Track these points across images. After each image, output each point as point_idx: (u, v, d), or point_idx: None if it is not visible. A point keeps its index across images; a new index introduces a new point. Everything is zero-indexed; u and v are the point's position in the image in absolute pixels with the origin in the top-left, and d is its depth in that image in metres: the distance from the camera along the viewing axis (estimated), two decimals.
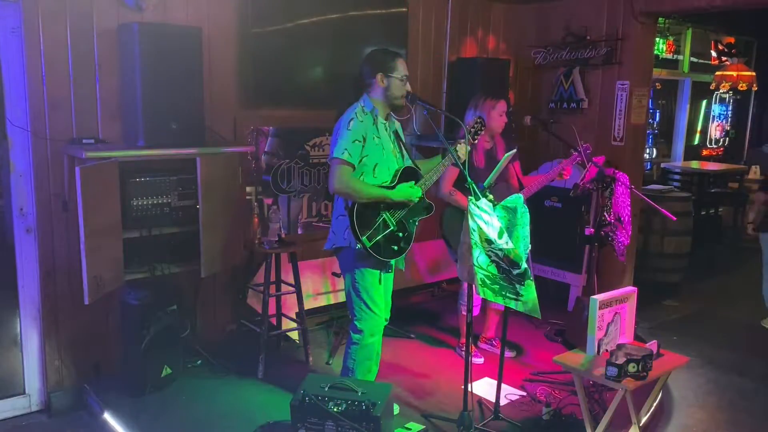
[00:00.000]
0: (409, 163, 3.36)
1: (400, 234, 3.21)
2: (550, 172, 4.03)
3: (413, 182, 3.25)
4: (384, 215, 3.15)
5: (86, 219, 3.20)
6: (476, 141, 3.36)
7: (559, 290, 5.37)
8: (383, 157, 3.20)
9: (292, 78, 4.34)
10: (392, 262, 3.32)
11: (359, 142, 3.11)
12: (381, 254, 3.13)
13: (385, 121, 3.28)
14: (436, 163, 3.35)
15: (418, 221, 3.31)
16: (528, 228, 3.11)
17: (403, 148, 3.38)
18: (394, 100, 3.22)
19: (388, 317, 3.48)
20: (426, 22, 5.15)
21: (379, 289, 3.26)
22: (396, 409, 3.59)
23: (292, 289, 4.15)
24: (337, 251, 3.30)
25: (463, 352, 4.20)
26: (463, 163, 3.14)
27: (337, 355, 4.25)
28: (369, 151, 3.14)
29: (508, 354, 4.24)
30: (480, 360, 4.23)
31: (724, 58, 8.18)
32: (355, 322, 3.30)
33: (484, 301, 4.17)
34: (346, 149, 3.08)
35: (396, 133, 3.37)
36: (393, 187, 3.19)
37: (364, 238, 3.07)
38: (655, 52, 6.61)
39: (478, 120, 3.36)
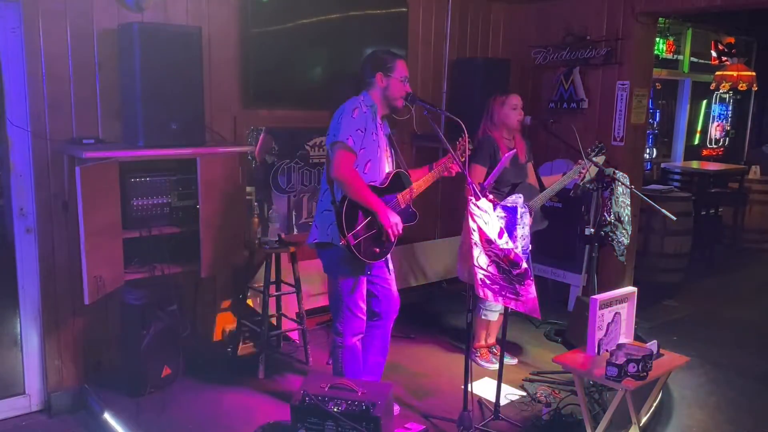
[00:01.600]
0: (400, 168, 3.35)
1: (383, 237, 3.19)
2: (568, 173, 3.98)
3: (401, 190, 3.24)
4: (370, 216, 3.13)
5: (86, 219, 3.20)
6: (463, 159, 3.28)
7: (559, 290, 5.37)
8: (377, 155, 3.18)
9: (292, 78, 4.34)
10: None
11: (361, 132, 3.08)
12: (362, 254, 3.10)
13: (381, 122, 3.27)
14: (424, 174, 3.33)
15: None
16: (528, 228, 3.11)
17: (395, 154, 3.37)
18: (393, 101, 3.21)
19: (396, 311, 3.48)
20: (426, 22, 5.15)
21: (362, 292, 3.25)
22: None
23: (292, 289, 4.15)
24: (319, 247, 3.26)
25: (478, 359, 4.20)
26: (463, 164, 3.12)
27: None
28: (366, 144, 3.12)
29: (511, 361, 4.22)
30: (493, 366, 4.19)
31: (724, 58, 8.17)
32: (336, 324, 3.30)
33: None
34: (350, 135, 3.03)
35: (390, 137, 3.36)
36: (384, 190, 3.18)
37: (349, 236, 3.04)
38: (655, 52, 6.61)
39: (469, 140, 3.27)
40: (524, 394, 3.83)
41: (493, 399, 3.56)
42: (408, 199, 3.26)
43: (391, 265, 3.43)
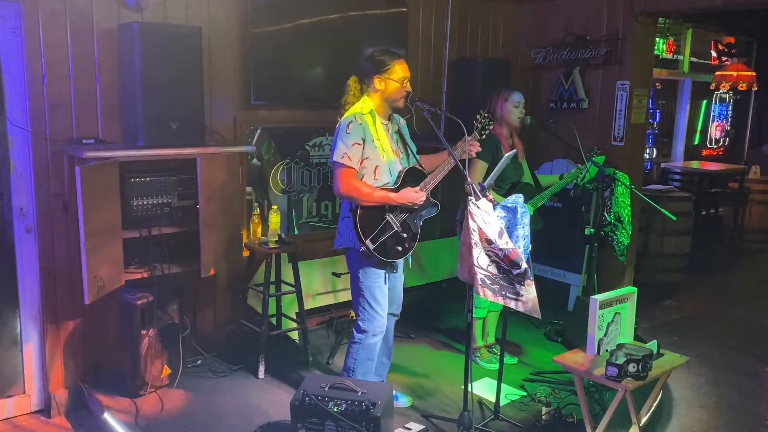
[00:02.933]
0: (413, 162, 3.36)
1: (405, 234, 3.22)
2: (566, 175, 4.02)
3: (417, 185, 3.25)
4: (388, 217, 3.16)
5: (86, 219, 3.20)
6: (483, 136, 3.35)
7: (559, 290, 5.37)
8: (383, 159, 3.20)
9: (292, 78, 4.34)
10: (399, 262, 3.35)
11: (359, 144, 3.11)
12: (385, 255, 3.16)
13: (386, 122, 3.28)
14: (442, 160, 3.34)
15: (422, 221, 3.32)
16: (528, 228, 3.11)
17: (407, 149, 3.38)
18: (393, 102, 3.22)
19: (398, 313, 3.50)
20: (426, 22, 5.15)
21: (383, 290, 3.27)
22: (409, 401, 3.63)
23: (292, 289, 4.15)
24: (344, 251, 3.33)
25: (478, 359, 4.20)
26: (463, 162, 3.13)
27: (337, 355, 4.25)
28: (368, 153, 3.15)
29: (511, 361, 4.22)
30: (493, 366, 4.18)
31: (724, 58, 8.17)
32: (359, 322, 3.32)
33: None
34: (345, 153, 3.09)
35: (399, 132, 3.37)
36: (397, 189, 3.20)
37: (368, 241, 3.09)
38: (655, 52, 6.61)
39: (485, 115, 3.34)
40: (524, 394, 3.83)
41: (493, 399, 3.56)
42: (425, 191, 3.28)
43: (410, 261, 3.47)
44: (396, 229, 3.18)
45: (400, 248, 3.22)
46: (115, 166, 3.44)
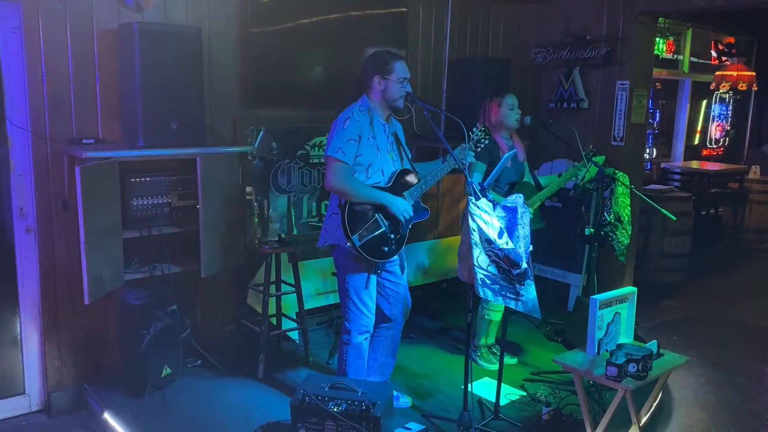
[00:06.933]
0: (407, 166, 3.36)
1: (392, 236, 3.20)
2: (564, 174, 4.02)
3: (410, 190, 3.25)
4: (377, 215, 3.15)
5: (86, 219, 3.20)
6: (479, 149, 3.35)
7: (559, 290, 5.37)
8: (377, 158, 3.20)
9: (292, 78, 4.34)
10: (396, 263, 3.33)
11: (354, 141, 3.11)
12: (371, 254, 3.13)
13: (384, 123, 3.28)
14: (436, 167, 3.34)
15: (411, 225, 3.31)
16: (529, 228, 3.11)
17: (402, 152, 3.38)
18: (393, 102, 3.22)
19: (404, 319, 3.51)
20: (426, 22, 5.15)
21: (369, 290, 3.27)
22: (410, 401, 3.66)
23: (292, 289, 4.15)
24: (330, 249, 3.32)
25: (478, 359, 4.21)
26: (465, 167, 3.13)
27: (337, 354, 4.24)
28: (363, 150, 3.14)
29: (511, 361, 4.22)
30: (493, 366, 4.18)
31: (724, 58, 8.18)
32: (345, 322, 3.33)
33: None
34: (340, 148, 3.09)
35: (395, 135, 3.37)
36: (389, 189, 3.19)
37: (354, 237, 3.07)
38: (655, 52, 6.61)
39: (482, 129, 3.34)
40: (524, 394, 3.83)
41: (493, 399, 3.56)
42: (416, 196, 3.27)
43: (404, 263, 3.45)
44: (383, 228, 3.17)
45: (386, 249, 3.20)
46: (115, 166, 3.44)
